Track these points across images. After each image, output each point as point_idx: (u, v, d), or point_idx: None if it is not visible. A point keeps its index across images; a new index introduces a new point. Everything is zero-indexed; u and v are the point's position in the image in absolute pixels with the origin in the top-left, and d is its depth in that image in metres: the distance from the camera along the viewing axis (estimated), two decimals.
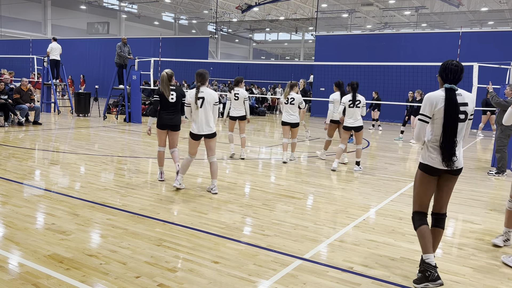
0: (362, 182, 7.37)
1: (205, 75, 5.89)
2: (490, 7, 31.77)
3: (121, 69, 15.64)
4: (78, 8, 40.69)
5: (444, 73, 3.42)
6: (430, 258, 3.43)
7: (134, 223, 4.63)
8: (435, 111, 3.40)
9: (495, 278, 3.72)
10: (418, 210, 3.58)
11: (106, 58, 29.82)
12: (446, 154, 3.37)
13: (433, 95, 3.43)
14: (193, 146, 6.07)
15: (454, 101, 3.35)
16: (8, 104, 12.03)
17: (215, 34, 39.81)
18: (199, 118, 5.89)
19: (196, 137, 5.97)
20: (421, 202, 3.56)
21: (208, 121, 5.91)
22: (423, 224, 3.52)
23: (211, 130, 5.94)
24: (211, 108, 5.91)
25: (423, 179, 3.53)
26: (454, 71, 3.39)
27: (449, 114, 3.34)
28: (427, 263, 3.43)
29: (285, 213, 5.28)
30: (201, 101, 5.83)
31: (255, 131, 14.78)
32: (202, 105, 5.83)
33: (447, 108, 3.34)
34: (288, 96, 8.61)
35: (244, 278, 3.45)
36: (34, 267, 3.45)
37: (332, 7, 35.98)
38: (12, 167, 7.03)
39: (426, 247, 3.46)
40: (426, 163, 3.48)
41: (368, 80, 18.93)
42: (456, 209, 5.82)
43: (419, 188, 3.56)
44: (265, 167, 8.46)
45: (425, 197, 3.55)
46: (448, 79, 3.40)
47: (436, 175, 3.50)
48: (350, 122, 8.17)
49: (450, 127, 3.35)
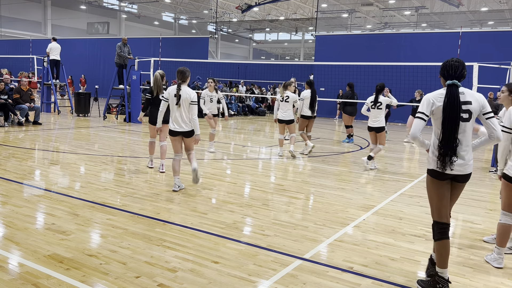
0: (362, 182, 7.37)
1: (186, 73, 5.92)
2: (490, 7, 31.77)
3: (121, 69, 15.64)
4: (78, 8, 40.69)
5: (445, 71, 3.31)
6: (444, 272, 3.32)
7: (134, 223, 4.63)
8: (433, 109, 3.28)
9: (495, 278, 3.71)
10: (438, 220, 3.38)
11: (106, 58, 29.83)
12: (443, 153, 3.21)
13: (432, 94, 3.34)
14: (174, 143, 6.09)
15: (456, 97, 3.19)
16: (8, 104, 12.03)
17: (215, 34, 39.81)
18: (174, 114, 5.92)
19: (172, 133, 5.97)
20: (439, 211, 3.36)
21: (184, 119, 5.88)
22: (444, 238, 3.33)
23: (185, 128, 5.89)
24: (187, 107, 5.87)
25: (434, 185, 3.37)
26: (455, 66, 3.27)
27: (449, 111, 3.18)
28: (440, 276, 3.33)
29: (285, 213, 5.28)
30: (178, 99, 5.84)
31: (255, 131, 14.78)
32: (178, 102, 5.83)
33: (447, 104, 3.19)
34: (283, 94, 9.15)
35: (244, 278, 3.45)
36: (34, 267, 3.45)
37: (332, 7, 35.98)
38: (12, 167, 7.03)
39: (442, 262, 3.33)
40: (432, 168, 3.33)
41: (368, 80, 18.94)
42: (456, 209, 5.82)
43: (432, 194, 3.39)
44: (265, 167, 8.46)
45: (440, 203, 3.36)
46: (450, 75, 3.28)
47: (446, 179, 3.33)
48: (371, 123, 8.23)
49: (450, 125, 3.19)
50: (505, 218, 3.91)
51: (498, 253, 3.95)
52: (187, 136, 6.00)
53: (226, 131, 14.54)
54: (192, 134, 5.99)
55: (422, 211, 5.64)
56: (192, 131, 5.96)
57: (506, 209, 3.91)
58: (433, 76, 17.56)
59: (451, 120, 3.19)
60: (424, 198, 6.31)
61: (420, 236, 4.68)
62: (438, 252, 3.35)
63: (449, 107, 3.19)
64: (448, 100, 3.20)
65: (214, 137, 9.86)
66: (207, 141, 10.14)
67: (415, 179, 7.74)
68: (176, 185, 6.11)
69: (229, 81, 25.71)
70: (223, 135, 13.18)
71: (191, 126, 5.93)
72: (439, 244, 3.33)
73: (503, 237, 3.92)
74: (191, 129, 5.94)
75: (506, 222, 3.90)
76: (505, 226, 3.91)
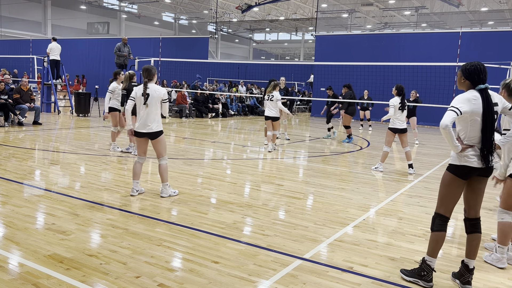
0: (362, 182, 7.37)
1: (152, 70, 5.65)
2: (490, 7, 31.78)
3: (121, 69, 15.63)
4: (78, 8, 40.69)
5: (475, 75, 3.36)
6: (433, 262, 3.48)
7: (134, 223, 4.63)
8: (470, 110, 3.30)
9: (495, 278, 3.71)
10: (443, 214, 3.47)
11: (106, 58, 29.82)
12: (485, 154, 3.32)
13: (467, 95, 3.35)
14: (139, 144, 5.77)
15: (491, 101, 3.32)
16: (8, 104, 12.03)
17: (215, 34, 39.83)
18: (140, 114, 5.62)
19: (137, 134, 5.66)
20: (448, 206, 3.47)
21: (150, 119, 5.57)
22: (442, 231, 3.46)
23: (151, 129, 5.56)
24: (156, 105, 5.61)
25: (453, 183, 3.42)
26: (484, 71, 3.36)
27: (488, 114, 3.29)
28: (427, 264, 3.47)
29: (285, 213, 5.29)
30: (145, 97, 5.55)
31: (255, 131, 14.78)
32: (146, 101, 5.55)
33: (486, 109, 3.29)
34: (269, 93, 10.04)
35: (244, 278, 3.45)
36: (34, 267, 3.45)
37: (332, 7, 35.99)
38: (12, 167, 7.03)
39: (434, 252, 3.47)
40: (463, 164, 3.36)
41: (368, 80, 18.95)
42: (456, 209, 5.80)
43: (448, 191, 3.45)
44: (265, 167, 8.46)
45: (452, 201, 3.45)
46: (481, 79, 3.36)
47: (468, 178, 3.40)
48: (399, 124, 8.08)
49: (490, 128, 3.31)
50: (506, 216, 3.90)
51: (501, 253, 3.91)
52: (152, 138, 5.64)
53: (226, 131, 14.54)
54: (157, 135, 5.63)
55: (422, 211, 5.64)
56: (156, 132, 5.61)
57: (505, 207, 3.91)
58: (433, 76, 17.59)
59: (491, 123, 3.30)
60: (424, 198, 6.32)
61: (420, 236, 4.68)
62: (433, 242, 3.49)
63: (488, 111, 3.29)
64: (488, 104, 3.29)
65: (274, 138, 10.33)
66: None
67: (415, 179, 7.74)
68: (134, 190, 5.73)
69: (229, 81, 25.72)
70: (223, 135, 13.18)
71: (154, 128, 5.58)
72: (438, 235, 3.47)
73: (506, 235, 3.89)
74: (156, 130, 5.59)
75: (507, 220, 3.89)
76: (505, 224, 3.89)
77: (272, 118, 9.97)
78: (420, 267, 3.51)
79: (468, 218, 3.55)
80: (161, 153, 5.70)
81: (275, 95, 9.97)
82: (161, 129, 5.68)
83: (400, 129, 8.11)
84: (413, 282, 3.50)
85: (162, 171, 5.71)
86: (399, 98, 8.17)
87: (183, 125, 15.38)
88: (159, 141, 5.66)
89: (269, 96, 9.98)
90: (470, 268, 3.46)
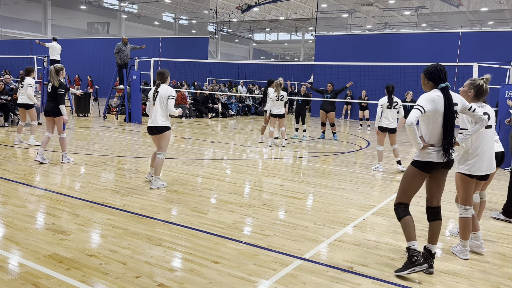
0: (362, 182, 7.37)
1: (165, 74, 6.22)
2: (490, 7, 31.77)
3: (121, 69, 15.64)
4: (78, 8, 40.67)
5: (436, 75, 3.63)
6: (415, 244, 3.65)
7: (134, 223, 4.63)
8: (433, 108, 3.55)
9: (495, 278, 3.72)
10: (404, 202, 3.76)
11: (106, 58, 29.80)
12: (446, 148, 3.59)
13: (430, 94, 3.62)
14: (153, 141, 6.37)
15: (451, 99, 3.59)
16: (8, 104, 12.03)
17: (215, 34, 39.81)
18: (152, 112, 6.18)
19: (149, 130, 6.24)
20: (409, 196, 3.75)
21: (157, 115, 6.08)
22: (408, 214, 3.73)
23: (157, 123, 6.07)
24: (164, 103, 6.09)
25: (417, 176, 3.70)
26: (444, 70, 3.64)
27: (449, 112, 3.55)
28: (412, 249, 3.64)
29: (285, 213, 5.29)
30: (156, 95, 6.12)
31: (255, 131, 14.78)
32: (155, 98, 6.11)
33: (447, 106, 3.55)
34: (279, 94, 10.65)
35: (244, 278, 3.45)
36: (34, 267, 3.45)
37: (332, 7, 35.98)
38: (12, 167, 7.03)
39: (411, 235, 3.68)
40: (426, 160, 3.62)
41: (368, 80, 18.94)
42: (456, 208, 5.81)
43: (411, 184, 3.72)
44: (265, 167, 8.46)
45: (413, 192, 3.74)
46: (442, 79, 3.63)
47: (431, 171, 3.68)
48: (387, 123, 8.16)
49: (451, 125, 3.58)
50: (465, 212, 4.13)
51: (463, 246, 4.16)
52: (158, 132, 6.17)
53: (226, 131, 14.54)
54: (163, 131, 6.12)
55: (422, 211, 5.61)
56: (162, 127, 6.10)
57: (464, 203, 4.13)
58: None
59: (451, 119, 3.58)
60: (424, 198, 6.29)
61: (420, 236, 4.67)
62: (405, 227, 3.70)
63: (449, 108, 3.57)
64: (449, 102, 3.57)
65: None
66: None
67: None
68: (150, 174, 6.45)
69: (229, 81, 25.71)
70: (223, 135, 13.18)
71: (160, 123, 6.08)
72: (407, 221, 3.70)
73: (466, 230, 4.12)
74: (162, 125, 6.09)
75: (466, 216, 4.12)
76: (466, 219, 4.12)
77: (279, 115, 10.73)
78: (408, 256, 3.65)
79: (431, 207, 3.85)
80: (162, 147, 6.20)
81: (285, 95, 10.78)
82: (168, 125, 6.15)
83: (389, 128, 8.17)
84: (411, 273, 3.60)
85: (157, 164, 6.16)
86: (387, 98, 8.26)
87: (183, 125, 15.38)
88: (163, 136, 6.15)
89: (280, 96, 10.67)
90: (432, 252, 3.76)
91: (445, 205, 5.97)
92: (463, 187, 4.12)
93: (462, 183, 4.12)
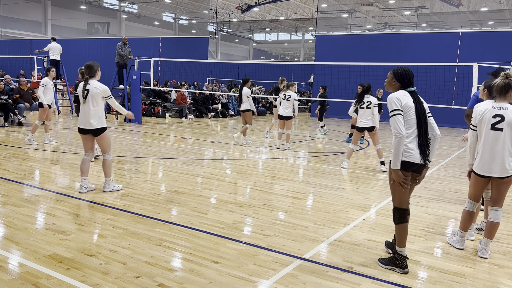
0: (362, 182, 7.37)
1: (93, 67, 5.64)
2: (490, 7, 31.79)
3: (121, 69, 15.64)
4: (78, 8, 40.68)
5: (406, 79, 3.68)
6: (403, 251, 3.74)
7: (134, 223, 4.63)
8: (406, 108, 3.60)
9: (495, 278, 3.72)
10: (399, 206, 3.75)
11: (106, 58, 29.78)
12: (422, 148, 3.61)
13: (396, 94, 3.65)
14: (83, 142, 5.79)
15: (420, 100, 3.69)
16: (8, 104, 12.03)
17: (215, 34, 39.82)
18: (82, 111, 5.63)
19: (80, 130, 5.69)
20: (401, 198, 3.74)
21: (90, 116, 5.55)
22: (403, 222, 3.74)
23: (92, 126, 5.56)
24: (97, 102, 5.56)
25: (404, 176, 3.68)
26: (412, 75, 3.70)
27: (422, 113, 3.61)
28: (399, 254, 3.73)
29: (285, 213, 5.29)
30: (85, 93, 5.55)
31: (255, 131, 14.78)
32: (85, 97, 5.54)
33: (419, 108, 3.62)
34: (285, 93, 10.23)
35: (244, 278, 3.45)
36: (34, 267, 3.45)
37: (332, 7, 36.00)
38: (12, 167, 7.03)
39: (401, 242, 3.74)
40: (404, 159, 3.61)
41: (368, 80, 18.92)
42: (456, 209, 5.82)
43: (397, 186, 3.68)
44: (265, 167, 8.46)
45: (403, 193, 3.72)
46: (410, 82, 3.69)
47: (410, 170, 3.67)
48: (362, 123, 8.28)
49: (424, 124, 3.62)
50: (470, 206, 4.28)
51: (462, 236, 4.33)
52: (95, 135, 5.66)
53: (226, 131, 14.53)
54: (100, 132, 5.63)
55: (422, 211, 5.64)
56: (99, 129, 5.60)
57: (471, 198, 4.27)
58: (433, 76, 17.57)
59: (424, 118, 3.63)
60: (424, 198, 6.32)
61: (420, 236, 4.68)
62: (399, 233, 3.75)
63: (420, 106, 3.63)
64: (418, 102, 3.64)
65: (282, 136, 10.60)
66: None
67: None
68: (83, 187, 5.72)
69: (229, 81, 25.70)
70: (223, 135, 13.18)
71: (95, 124, 5.58)
72: (402, 227, 3.73)
73: (468, 222, 4.30)
74: (97, 127, 5.58)
75: (471, 210, 4.28)
76: (470, 213, 4.29)
77: (286, 117, 10.21)
78: (393, 256, 3.77)
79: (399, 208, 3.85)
80: (105, 149, 5.74)
81: (292, 95, 10.21)
82: (104, 126, 5.66)
83: (366, 128, 8.28)
84: (390, 270, 3.71)
85: (105, 167, 5.74)
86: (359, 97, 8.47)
87: (183, 125, 15.38)
88: (102, 137, 5.68)
89: (286, 96, 10.18)
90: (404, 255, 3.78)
91: (445, 205, 5.99)
92: (472, 183, 4.24)
93: (471, 179, 4.24)
